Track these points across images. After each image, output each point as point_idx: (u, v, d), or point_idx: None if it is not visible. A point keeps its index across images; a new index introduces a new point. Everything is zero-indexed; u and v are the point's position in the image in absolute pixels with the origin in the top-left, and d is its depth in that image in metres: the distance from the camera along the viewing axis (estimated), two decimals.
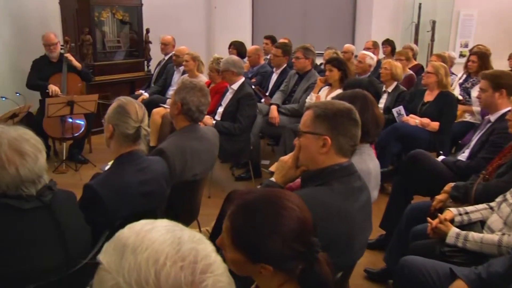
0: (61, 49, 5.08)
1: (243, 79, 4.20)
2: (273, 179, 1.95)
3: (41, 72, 4.96)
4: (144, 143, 2.11)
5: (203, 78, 4.72)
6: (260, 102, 4.68)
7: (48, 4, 6.20)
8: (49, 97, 4.70)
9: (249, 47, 5.95)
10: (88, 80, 5.28)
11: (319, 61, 5.59)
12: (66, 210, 1.70)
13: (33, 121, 4.82)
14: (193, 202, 2.71)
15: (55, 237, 1.62)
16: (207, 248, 0.79)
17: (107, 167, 2.67)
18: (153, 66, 6.37)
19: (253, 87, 4.48)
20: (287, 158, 1.81)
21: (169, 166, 2.30)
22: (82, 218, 1.79)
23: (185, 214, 2.60)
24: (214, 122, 3.99)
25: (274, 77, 5.04)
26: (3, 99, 4.11)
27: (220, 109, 4.16)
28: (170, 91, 5.40)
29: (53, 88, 4.81)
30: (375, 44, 6.21)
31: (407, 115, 4.13)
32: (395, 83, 4.50)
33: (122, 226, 1.94)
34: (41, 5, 6.12)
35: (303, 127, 1.70)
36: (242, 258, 1.16)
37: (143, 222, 0.83)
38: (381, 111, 3.13)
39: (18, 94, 4.33)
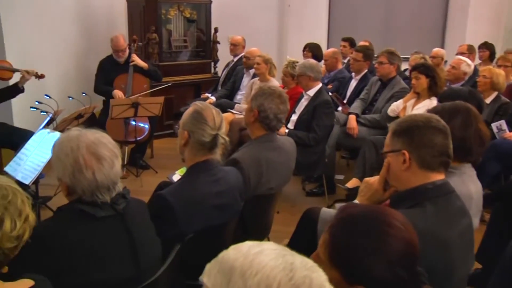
0: (129, 49, 5.33)
1: (320, 85, 4.18)
2: (356, 201, 1.93)
3: (107, 73, 5.23)
4: (219, 152, 2.16)
5: (275, 83, 4.76)
6: (337, 110, 4.64)
7: (115, 2, 6.56)
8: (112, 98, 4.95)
9: (325, 49, 5.93)
10: (157, 79, 5.45)
11: (403, 66, 5.46)
12: (138, 220, 1.76)
13: (96, 122, 5.09)
14: (266, 218, 2.73)
15: (127, 248, 1.67)
16: (321, 276, 0.79)
17: (174, 176, 2.77)
18: (220, 68, 6.52)
19: (329, 94, 4.46)
20: (373, 179, 1.84)
21: (243, 178, 2.33)
22: (153, 230, 1.84)
23: (256, 230, 2.62)
24: (287, 130, 4.00)
25: (353, 83, 4.98)
26: (70, 99, 4.38)
27: (294, 117, 4.18)
28: (239, 96, 5.50)
29: (118, 94, 5.04)
30: (470, 48, 5.95)
31: (510, 131, 3.93)
32: (495, 94, 4.28)
33: (193, 240, 2.01)
34: (108, 3, 6.47)
35: (384, 148, 1.75)
36: (338, 277, 1.15)
37: (249, 243, 0.85)
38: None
39: (84, 94, 4.58)
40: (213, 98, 5.52)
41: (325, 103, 4.04)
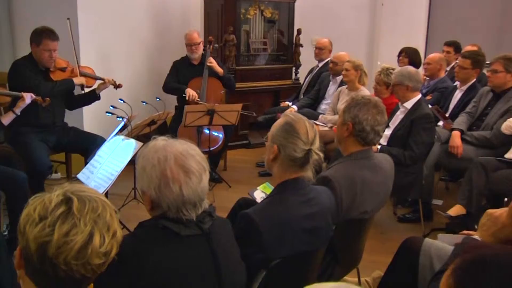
0: (204, 50, 5.48)
1: (419, 96, 4.08)
2: (476, 236, 1.84)
3: (180, 75, 5.41)
4: (312, 169, 2.15)
5: (366, 92, 4.69)
6: (438, 125, 4.49)
7: (191, 1, 6.77)
8: (187, 103, 5.08)
9: (423, 54, 5.77)
10: (230, 88, 5.59)
11: None
12: (224, 241, 1.78)
13: (167, 129, 5.26)
14: (357, 246, 2.68)
15: (211, 270, 1.69)
16: None
17: (256, 192, 2.78)
18: (302, 74, 6.54)
19: (429, 106, 4.33)
20: (499, 212, 1.74)
21: (335, 198, 2.30)
22: (238, 252, 1.86)
23: (346, 259, 2.58)
24: (379, 147, 3.92)
25: (458, 94, 4.79)
26: (144, 103, 4.56)
27: (388, 132, 4.09)
28: (323, 105, 5.48)
29: (190, 92, 5.18)
30: None
31: None
32: None
33: (280, 266, 2.00)
34: (184, 2, 6.69)
35: None
36: None
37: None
38: None
39: (158, 99, 4.76)
40: (294, 107, 5.53)
41: (424, 117, 3.93)
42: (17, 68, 4.11)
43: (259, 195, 2.75)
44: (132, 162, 3.35)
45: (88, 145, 4.24)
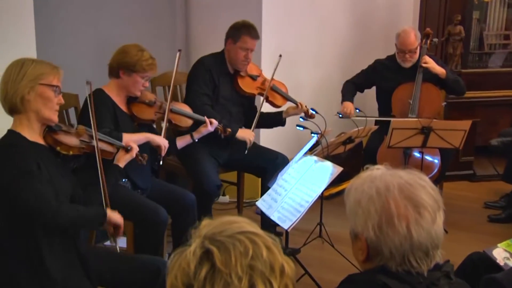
0: (419, 47, 5.33)
1: None
2: None
3: (383, 79, 5.34)
4: None
5: None
6: None
7: None
8: (391, 116, 4.99)
9: None
10: (458, 92, 5.39)
11: None
12: None
13: (362, 149, 5.22)
14: None
15: None
16: None
17: (495, 251, 2.67)
18: None
19: None
20: None
21: None
22: None
23: None
24: None
25: None
26: (340, 116, 4.57)
27: None
28: None
29: (347, 108, 5.09)
30: None
31: None
32: None
33: None
34: None
35: None
36: None
37: None
38: None
39: (358, 111, 4.74)
40: None
41: None
42: (195, 69, 4.37)
43: (500, 255, 2.60)
44: None
45: (266, 164, 4.37)
